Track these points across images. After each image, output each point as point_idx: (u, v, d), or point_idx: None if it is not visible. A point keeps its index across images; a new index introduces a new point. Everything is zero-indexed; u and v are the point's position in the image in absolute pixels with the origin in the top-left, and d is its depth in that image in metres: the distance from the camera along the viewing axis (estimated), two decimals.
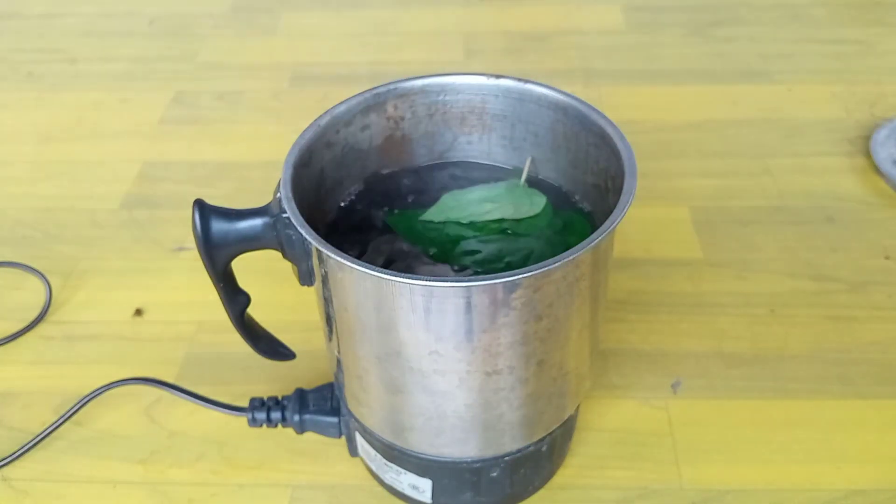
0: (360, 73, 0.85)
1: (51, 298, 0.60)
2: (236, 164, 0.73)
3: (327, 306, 0.38)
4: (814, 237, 0.63)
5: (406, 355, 0.36)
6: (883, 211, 0.65)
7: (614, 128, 0.38)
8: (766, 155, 0.71)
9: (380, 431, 0.42)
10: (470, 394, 0.37)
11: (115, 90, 0.84)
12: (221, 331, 0.47)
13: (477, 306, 0.33)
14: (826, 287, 0.59)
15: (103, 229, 0.66)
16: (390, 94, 0.43)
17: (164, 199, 0.69)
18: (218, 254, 0.38)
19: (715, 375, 0.53)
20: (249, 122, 0.79)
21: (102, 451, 0.50)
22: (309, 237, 0.34)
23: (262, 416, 0.47)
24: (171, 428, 0.51)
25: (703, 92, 0.79)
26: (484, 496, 0.44)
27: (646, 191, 0.66)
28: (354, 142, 0.43)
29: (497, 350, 0.35)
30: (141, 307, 0.59)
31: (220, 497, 0.47)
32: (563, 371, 0.39)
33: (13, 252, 0.64)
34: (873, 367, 0.53)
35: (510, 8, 0.96)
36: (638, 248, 0.62)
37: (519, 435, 0.41)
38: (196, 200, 0.37)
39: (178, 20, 0.97)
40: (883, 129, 0.70)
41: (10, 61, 0.90)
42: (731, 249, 0.62)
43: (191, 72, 0.87)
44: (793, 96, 0.78)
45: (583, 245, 0.33)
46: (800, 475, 0.47)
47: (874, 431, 0.49)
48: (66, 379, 0.54)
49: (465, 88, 0.43)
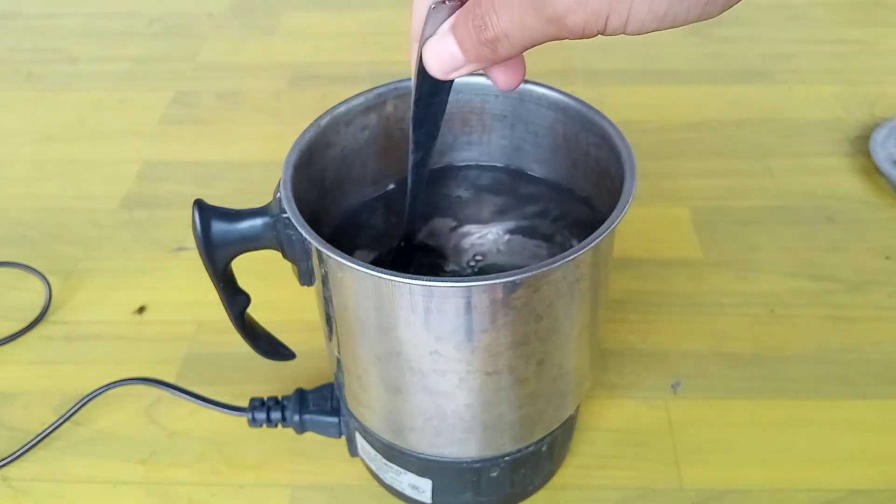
0: (360, 73, 0.85)
1: (51, 298, 0.60)
2: (236, 164, 0.73)
3: (327, 306, 0.38)
4: (814, 237, 0.63)
5: (406, 355, 0.36)
6: (883, 211, 0.65)
7: (614, 128, 0.38)
8: (766, 155, 0.71)
9: (380, 431, 0.42)
10: (470, 394, 0.37)
11: (115, 90, 0.84)
12: (221, 331, 0.47)
13: (477, 306, 0.33)
14: (826, 287, 0.59)
15: (103, 229, 0.66)
16: (390, 94, 0.43)
17: (164, 199, 0.69)
18: (218, 254, 0.38)
19: (715, 375, 0.53)
20: (249, 122, 0.79)
21: (102, 451, 0.50)
22: (309, 237, 0.34)
23: (262, 416, 0.47)
24: (171, 428, 0.51)
25: (703, 92, 0.79)
26: (484, 496, 0.44)
27: (646, 191, 0.66)
28: (354, 142, 0.43)
29: (497, 350, 0.35)
30: (142, 306, 0.59)
31: (220, 497, 0.47)
32: (563, 371, 0.39)
33: (13, 252, 0.64)
34: (873, 367, 0.53)
35: None
36: (638, 248, 0.62)
37: (519, 435, 0.41)
38: (196, 200, 0.37)
39: (178, 20, 0.97)
40: (883, 129, 0.70)
41: (10, 61, 0.90)
42: (731, 249, 0.62)
43: (191, 72, 0.87)
44: (793, 96, 0.78)
45: (583, 245, 0.33)
46: (800, 475, 0.47)
47: (874, 431, 0.49)
48: (66, 379, 0.54)
49: (465, 88, 0.43)
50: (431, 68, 0.31)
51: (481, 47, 0.29)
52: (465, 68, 0.30)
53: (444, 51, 0.30)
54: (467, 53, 0.30)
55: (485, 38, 0.28)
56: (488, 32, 0.28)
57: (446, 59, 0.30)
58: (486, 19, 0.28)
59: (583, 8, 0.25)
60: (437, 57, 0.31)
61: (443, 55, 0.30)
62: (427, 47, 0.31)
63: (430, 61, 0.31)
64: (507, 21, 0.27)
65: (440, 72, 0.31)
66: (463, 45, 0.30)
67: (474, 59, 0.30)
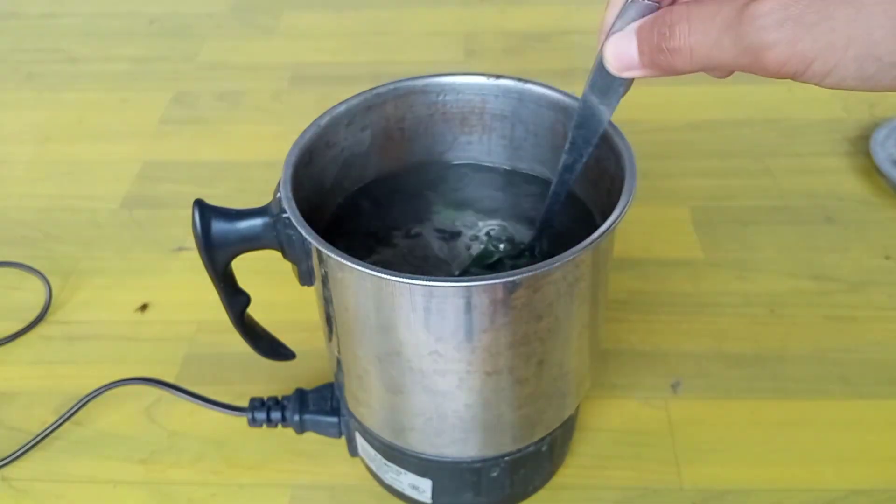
0: (360, 73, 0.85)
1: (51, 298, 0.60)
2: (236, 164, 0.73)
3: (327, 306, 0.38)
4: (814, 237, 0.63)
5: (406, 355, 0.36)
6: (883, 211, 0.65)
7: (614, 128, 0.38)
8: (766, 155, 0.71)
9: (380, 431, 0.42)
10: (470, 394, 0.37)
11: (115, 90, 0.84)
12: (221, 331, 0.47)
13: (477, 306, 0.33)
14: (826, 287, 0.59)
15: (103, 229, 0.66)
16: (390, 94, 0.43)
17: (164, 199, 0.69)
18: (218, 254, 0.38)
19: (715, 375, 0.53)
20: (249, 122, 0.79)
21: (102, 451, 0.50)
22: (309, 237, 0.34)
23: (262, 416, 0.47)
24: (171, 428, 0.51)
25: (702, 92, 0.79)
26: (484, 496, 0.44)
27: (646, 191, 0.66)
28: (354, 142, 0.43)
29: (497, 350, 0.35)
30: (143, 304, 0.59)
31: (220, 497, 0.47)
32: (564, 371, 0.39)
33: (13, 252, 0.64)
34: (873, 367, 0.53)
35: (510, 8, 0.96)
36: (638, 248, 0.62)
37: (519, 435, 0.41)
38: (196, 200, 0.37)
39: (178, 20, 0.97)
40: (883, 129, 0.70)
41: (10, 61, 0.90)
42: (731, 249, 0.62)
43: (191, 72, 0.87)
44: (793, 96, 0.78)
45: (583, 245, 0.33)
46: (800, 475, 0.47)
47: (874, 431, 0.49)
48: (66, 379, 0.54)
49: (465, 88, 0.43)
50: (608, 61, 0.32)
51: (659, 54, 0.29)
52: (638, 71, 0.31)
53: (624, 48, 0.31)
54: (643, 56, 0.30)
55: (666, 46, 0.29)
56: (673, 42, 0.28)
57: (624, 56, 0.31)
58: (676, 28, 0.28)
59: (791, 46, 0.25)
60: (615, 52, 0.31)
61: (621, 52, 0.31)
62: (610, 40, 0.31)
63: (609, 55, 0.32)
64: (700, 36, 0.27)
65: (615, 67, 0.32)
66: (642, 47, 0.30)
67: (648, 64, 0.30)
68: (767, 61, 0.26)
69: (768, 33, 0.25)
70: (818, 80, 0.26)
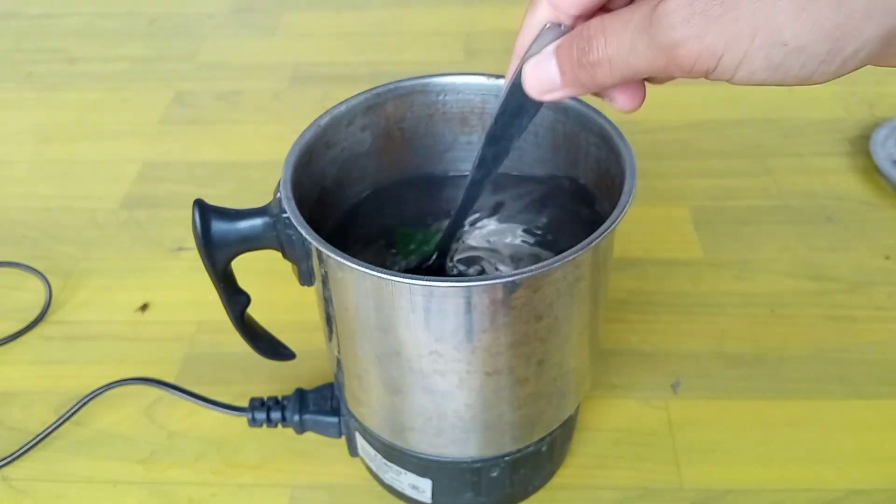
0: (360, 73, 0.85)
1: (51, 298, 0.60)
2: (236, 164, 0.73)
3: (327, 306, 0.38)
4: (814, 237, 0.63)
5: (406, 355, 0.36)
6: (883, 211, 0.65)
7: (614, 128, 0.38)
8: (766, 155, 0.71)
9: (380, 431, 0.42)
10: (470, 394, 0.37)
11: (115, 90, 0.84)
12: (221, 331, 0.47)
13: (477, 306, 0.33)
14: (826, 287, 0.59)
15: (103, 229, 0.66)
16: (390, 94, 0.43)
17: (164, 199, 0.69)
18: (218, 254, 0.38)
19: (715, 375, 0.53)
20: (249, 122, 0.79)
21: (102, 451, 0.50)
22: (309, 237, 0.34)
23: (262, 416, 0.47)
24: (171, 428, 0.51)
25: (702, 92, 0.79)
26: (484, 496, 0.44)
27: (646, 191, 0.66)
28: (354, 142, 0.43)
29: (497, 350, 0.35)
30: (143, 304, 0.59)
31: (220, 497, 0.47)
32: (563, 371, 0.39)
33: (13, 252, 0.64)
34: (873, 367, 0.53)
35: (510, 8, 0.96)
36: (638, 248, 0.62)
37: (519, 435, 0.41)
38: (196, 200, 0.37)
39: (178, 20, 0.97)
40: (883, 129, 0.70)
41: (9, 61, 0.90)
42: (731, 249, 0.62)
43: (191, 72, 0.87)
44: (793, 96, 0.78)
45: (583, 245, 0.33)
46: (800, 475, 0.47)
47: (874, 431, 0.49)
48: (66, 379, 0.54)
49: (465, 88, 0.43)
50: (528, 85, 0.31)
51: (580, 70, 0.29)
52: (560, 91, 0.31)
53: (544, 70, 0.31)
54: (565, 76, 0.30)
55: (586, 61, 0.28)
56: (591, 55, 0.28)
57: (544, 78, 0.31)
58: (594, 42, 0.28)
59: (699, 41, 0.25)
60: (535, 75, 0.31)
61: (541, 74, 0.31)
62: (528, 64, 0.31)
63: (529, 78, 0.31)
64: (616, 45, 0.27)
65: (535, 91, 0.31)
66: (563, 66, 0.30)
67: (571, 83, 0.30)
68: (680, 59, 0.26)
69: (676, 31, 0.25)
70: (730, 74, 0.26)
